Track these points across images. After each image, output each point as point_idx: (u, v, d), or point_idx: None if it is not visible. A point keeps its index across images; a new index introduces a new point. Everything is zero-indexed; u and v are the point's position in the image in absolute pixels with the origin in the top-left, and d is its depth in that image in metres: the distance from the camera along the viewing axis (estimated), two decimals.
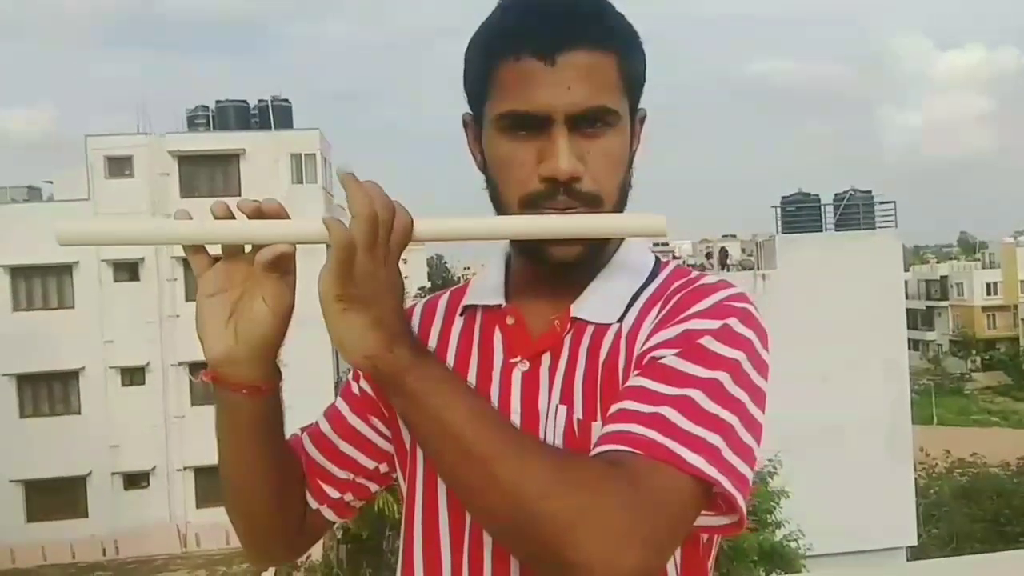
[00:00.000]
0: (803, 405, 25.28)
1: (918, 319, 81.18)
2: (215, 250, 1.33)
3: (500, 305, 1.47)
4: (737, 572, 20.27)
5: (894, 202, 31.29)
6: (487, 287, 1.50)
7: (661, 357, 1.27)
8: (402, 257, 1.26)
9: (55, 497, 33.12)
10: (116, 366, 33.56)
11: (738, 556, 20.54)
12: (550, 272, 1.39)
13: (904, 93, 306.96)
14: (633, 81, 1.37)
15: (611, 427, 1.23)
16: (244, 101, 37.33)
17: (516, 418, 1.37)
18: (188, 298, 33.21)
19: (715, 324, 1.29)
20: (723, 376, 1.25)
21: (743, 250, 37.98)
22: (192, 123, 36.96)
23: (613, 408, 1.26)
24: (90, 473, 33.37)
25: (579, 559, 1.10)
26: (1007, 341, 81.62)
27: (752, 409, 1.28)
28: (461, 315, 1.51)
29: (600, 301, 1.40)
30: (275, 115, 36.57)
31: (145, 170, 33.71)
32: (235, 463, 1.44)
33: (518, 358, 1.41)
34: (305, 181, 34.07)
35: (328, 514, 1.58)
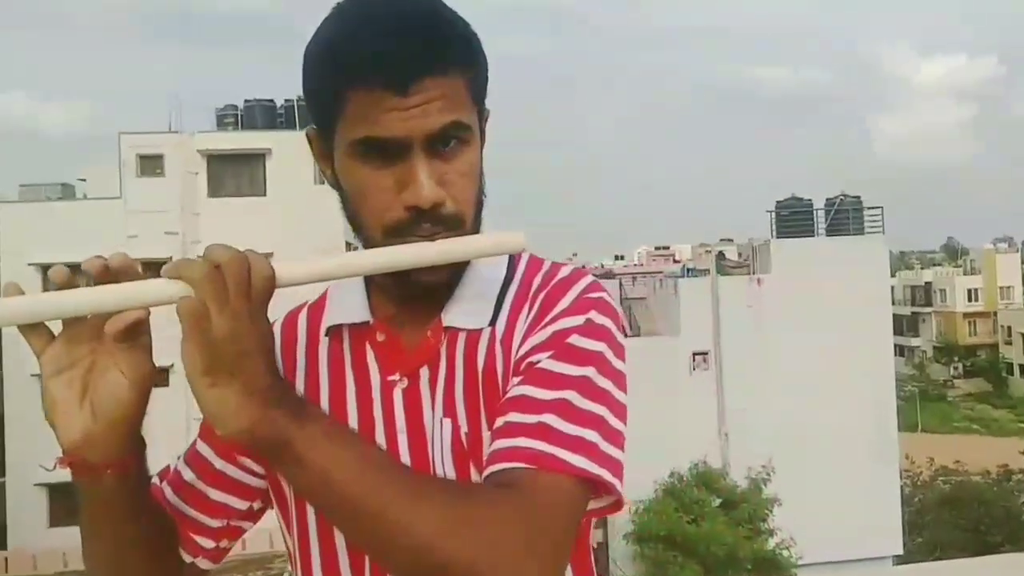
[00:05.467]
0: (794, 410, 25.71)
1: (904, 325, 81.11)
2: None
3: (368, 322, 1.41)
4: None
5: (881, 208, 31.28)
6: (350, 304, 1.43)
7: (537, 361, 1.28)
8: None
9: (77, 502, 32.30)
10: None
11: (733, 564, 20.99)
12: (416, 288, 1.34)
13: (891, 100, 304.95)
14: (480, 88, 1.35)
15: (500, 443, 1.23)
16: (271, 100, 36.56)
17: (403, 437, 1.35)
18: None
19: (580, 320, 1.30)
20: (590, 371, 1.27)
21: (739, 254, 37.65)
22: (221, 122, 36.13)
23: (499, 422, 1.25)
24: None
25: None
26: (987, 348, 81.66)
27: (618, 395, 1.30)
28: (326, 335, 1.44)
29: (468, 306, 1.38)
30: (301, 115, 34.83)
31: (176, 168, 32.91)
32: (107, 547, 1.35)
33: (396, 375, 1.37)
34: (327, 182, 33.71)
35: (203, 564, 1.50)
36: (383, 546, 1.16)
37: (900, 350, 71.81)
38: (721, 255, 37.55)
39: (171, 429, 35.12)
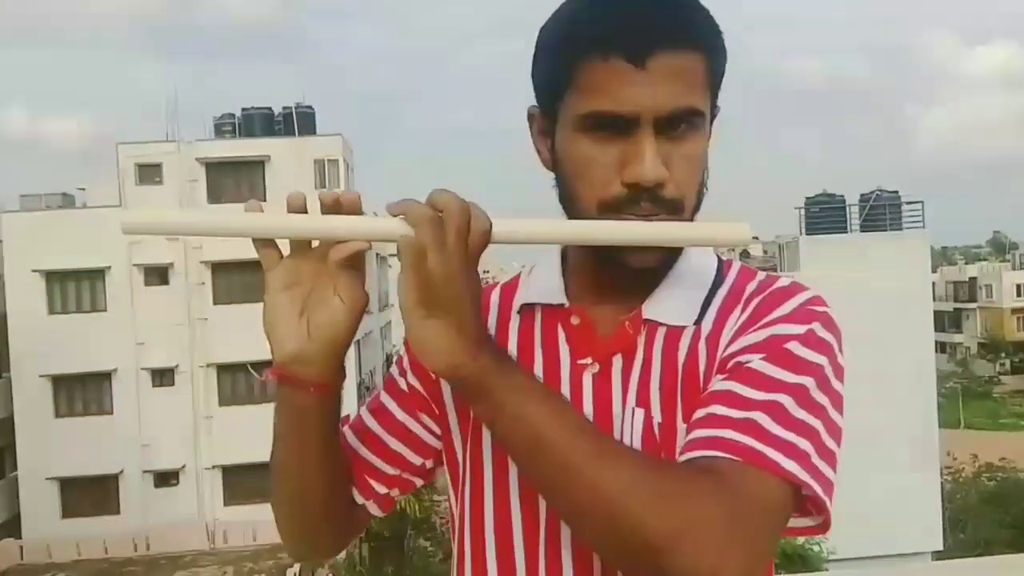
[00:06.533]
0: None
1: (946, 321, 79.93)
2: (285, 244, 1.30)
3: (563, 305, 1.42)
4: None
5: (922, 202, 30.88)
6: (546, 285, 1.46)
7: (748, 361, 1.26)
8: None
9: (89, 494, 33.55)
10: (147, 368, 33.82)
11: None
12: (620, 274, 1.34)
13: (933, 92, 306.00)
14: (717, 79, 1.33)
15: (702, 432, 1.21)
16: (269, 108, 37.58)
17: None
18: (216, 302, 33.79)
19: (800, 329, 1.28)
20: (809, 382, 1.25)
21: (765, 251, 37.46)
22: (219, 130, 37.26)
23: (700, 412, 1.24)
24: (122, 471, 33.68)
25: (685, 567, 1.10)
26: None
27: (833, 414, 1.28)
28: (518, 313, 1.47)
29: (674, 303, 1.37)
30: (299, 122, 36.58)
31: (174, 177, 33.84)
32: (294, 461, 1.41)
33: (588, 360, 1.37)
34: (328, 186, 33.89)
35: (373, 508, 1.56)
36: (576, 503, 1.16)
37: (942, 347, 72.11)
38: (745, 253, 37.22)
39: (179, 427, 35.22)
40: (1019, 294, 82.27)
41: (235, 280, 33.67)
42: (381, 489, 1.53)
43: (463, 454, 1.46)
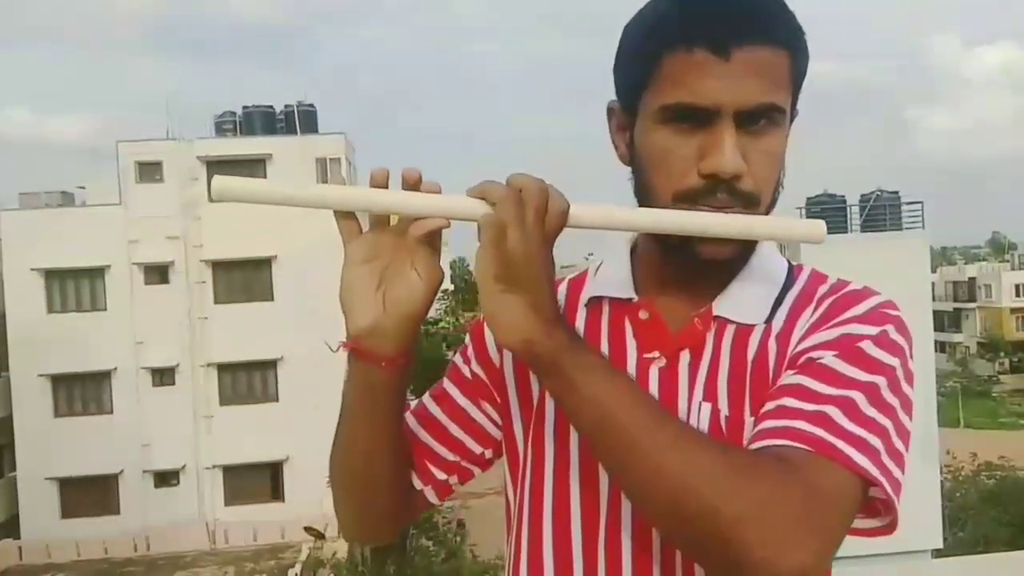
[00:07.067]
0: None
1: (945, 321, 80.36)
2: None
3: (631, 299, 1.43)
4: None
5: (922, 203, 30.62)
6: (614, 279, 1.47)
7: (820, 358, 1.26)
8: None
9: (88, 494, 33.54)
10: (147, 367, 33.81)
11: None
12: (690, 270, 1.36)
13: (933, 92, 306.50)
14: (799, 79, 1.34)
15: (772, 423, 1.22)
16: (270, 106, 37.44)
17: None
18: (217, 301, 33.74)
19: (874, 330, 1.29)
20: (881, 381, 1.25)
21: None
22: (220, 128, 37.14)
23: (770, 405, 1.25)
24: (122, 471, 33.70)
25: (753, 553, 1.10)
26: None
27: (903, 417, 1.27)
28: (586, 306, 1.48)
29: (744, 301, 1.38)
30: (301, 120, 36.55)
31: (175, 175, 33.75)
32: (361, 437, 1.42)
33: (655, 354, 1.38)
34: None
35: (430, 495, 1.57)
36: (642, 482, 1.17)
37: (941, 346, 72.34)
38: None
39: (179, 427, 34.97)
40: (1018, 294, 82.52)
41: (236, 279, 33.86)
42: (440, 475, 1.55)
43: (524, 442, 1.48)
